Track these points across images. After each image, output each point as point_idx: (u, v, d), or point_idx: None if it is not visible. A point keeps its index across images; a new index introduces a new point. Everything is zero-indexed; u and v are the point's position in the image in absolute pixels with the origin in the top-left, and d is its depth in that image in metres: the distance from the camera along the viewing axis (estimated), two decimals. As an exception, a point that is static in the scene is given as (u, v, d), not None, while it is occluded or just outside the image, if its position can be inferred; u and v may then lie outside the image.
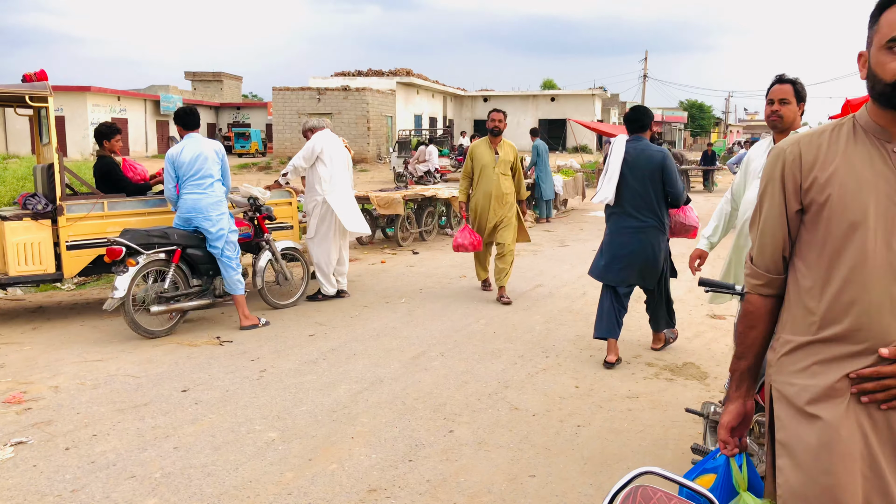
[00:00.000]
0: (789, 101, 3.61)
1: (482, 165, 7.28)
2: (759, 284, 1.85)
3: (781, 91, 3.61)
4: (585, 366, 5.31)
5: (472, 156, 7.41)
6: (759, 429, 2.71)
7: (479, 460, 3.76)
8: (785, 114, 3.60)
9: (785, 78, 3.64)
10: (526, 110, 47.74)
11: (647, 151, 5.07)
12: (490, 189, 7.24)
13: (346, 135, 29.48)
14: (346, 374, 5.07)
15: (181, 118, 6.35)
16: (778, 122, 3.64)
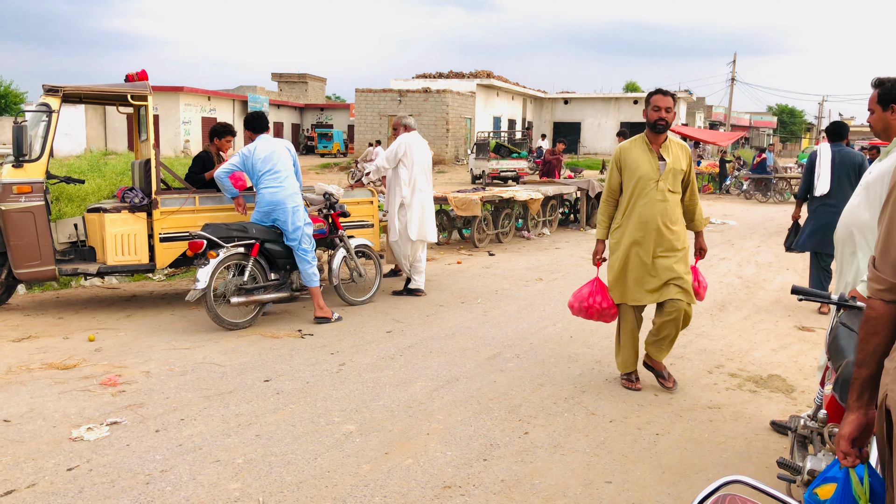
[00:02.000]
0: (872, 110, 3.45)
1: (637, 178, 4.60)
2: (881, 290, 1.78)
3: (870, 100, 3.46)
4: (665, 373, 5.19)
5: (620, 163, 4.72)
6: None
7: (554, 463, 3.73)
8: (871, 122, 3.46)
9: (874, 83, 3.45)
10: (608, 113, 47.03)
11: (850, 154, 6.74)
12: (651, 216, 4.59)
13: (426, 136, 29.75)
14: (423, 372, 5.12)
15: (250, 123, 6.58)
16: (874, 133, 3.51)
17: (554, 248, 11.34)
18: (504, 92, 41.83)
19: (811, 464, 2.81)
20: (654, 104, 4.60)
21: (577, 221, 14.16)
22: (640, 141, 4.70)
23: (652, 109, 4.60)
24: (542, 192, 12.33)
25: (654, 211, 4.59)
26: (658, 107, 4.57)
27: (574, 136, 45.95)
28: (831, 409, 2.90)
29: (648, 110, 4.62)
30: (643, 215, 4.62)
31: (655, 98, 4.61)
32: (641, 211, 4.62)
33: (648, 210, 4.60)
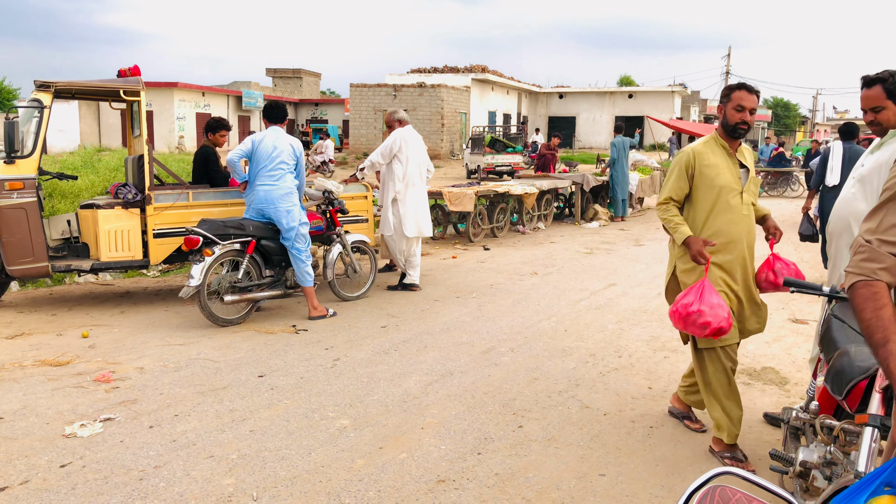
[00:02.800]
0: (882, 106, 3.33)
1: (719, 189, 3.73)
2: (881, 268, 1.72)
3: (870, 99, 3.34)
4: (659, 367, 5.20)
5: (694, 169, 3.77)
6: (846, 436, 2.59)
7: (548, 456, 3.74)
8: (882, 121, 3.35)
9: (870, 79, 3.34)
10: (602, 107, 47.01)
11: (858, 150, 6.97)
12: (738, 234, 3.77)
13: (421, 131, 29.71)
14: (417, 366, 5.12)
15: (267, 111, 6.57)
16: (879, 132, 3.41)
17: (549, 242, 11.35)
18: (499, 86, 41.77)
19: (803, 455, 2.82)
20: (736, 102, 3.68)
21: (572, 215, 14.16)
22: (714, 144, 3.79)
23: (734, 108, 3.68)
24: (536, 187, 12.33)
25: (741, 229, 3.75)
26: (742, 106, 3.66)
27: (569, 130, 45.93)
28: (823, 400, 2.92)
29: (728, 108, 3.71)
30: (729, 234, 3.72)
31: (739, 95, 3.68)
32: (726, 229, 3.72)
33: (735, 228, 3.73)
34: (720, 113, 3.78)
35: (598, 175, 14.60)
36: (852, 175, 3.60)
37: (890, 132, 3.37)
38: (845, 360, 2.68)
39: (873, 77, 3.33)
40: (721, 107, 3.78)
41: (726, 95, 3.75)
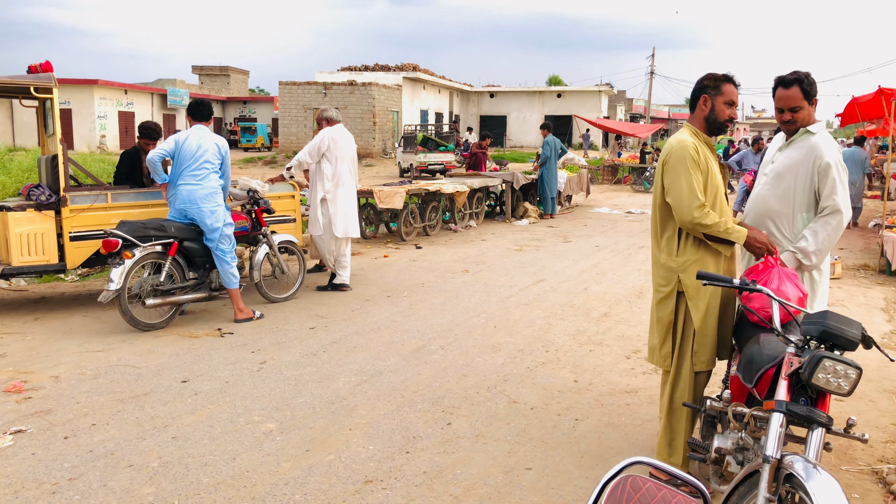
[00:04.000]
0: (800, 106, 3.41)
1: (716, 188, 3.36)
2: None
3: (789, 98, 3.41)
4: (584, 360, 5.30)
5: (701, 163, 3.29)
6: (756, 422, 2.70)
7: (476, 452, 3.77)
8: (799, 120, 3.45)
9: (788, 79, 3.41)
10: (532, 106, 47.63)
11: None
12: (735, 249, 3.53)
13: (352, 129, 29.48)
14: (346, 367, 5.08)
15: (192, 108, 6.40)
16: (793, 130, 3.50)
17: (480, 240, 11.43)
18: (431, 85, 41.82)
19: (718, 442, 2.93)
20: (728, 97, 3.37)
21: (503, 213, 14.30)
22: (698, 139, 3.37)
23: (726, 103, 3.36)
24: (468, 185, 12.40)
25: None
26: (733, 102, 3.40)
27: (500, 129, 46.38)
28: (735, 388, 3.02)
29: (718, 102, 3.35)
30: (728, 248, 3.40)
31: (731, 89, 3.37)
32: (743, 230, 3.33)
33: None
34: (705, 105, 3.38)
35: (529, 174, 14.79)
36: (763, 172, 3.73)
37: (801, 130, 3.50)
38: (755, 349, 2.79)
39: (792, 78, 3.41)
40: (707, 98, 3.37)
41: (714, 87, 3.36)
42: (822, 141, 3.42)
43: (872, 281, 8.52)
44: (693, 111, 3.45)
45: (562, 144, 14.79)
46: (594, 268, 8.97)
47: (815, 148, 3.40)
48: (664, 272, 3.38)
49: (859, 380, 2.38)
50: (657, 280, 3.43)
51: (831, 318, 2.47)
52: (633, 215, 15.30)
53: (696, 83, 3.43)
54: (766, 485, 2.29)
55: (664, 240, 3.40)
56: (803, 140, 3.50)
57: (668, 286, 3.35)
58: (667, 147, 3.38)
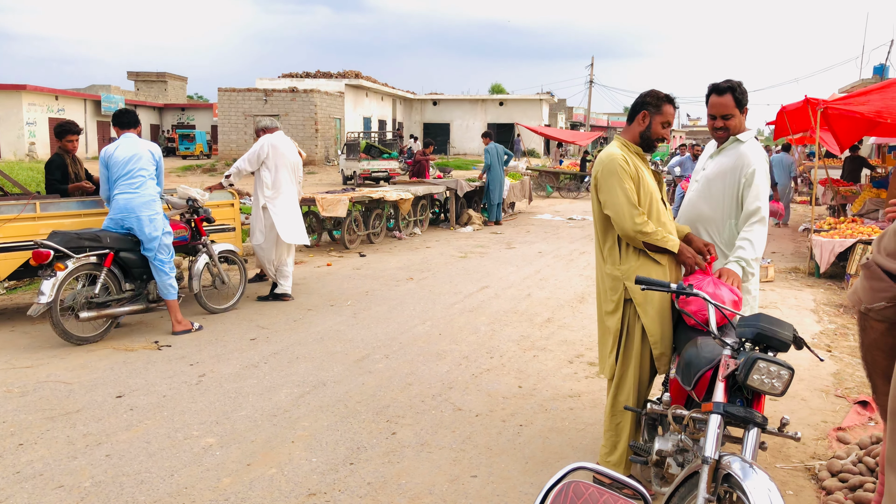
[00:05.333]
0: (732, 114, 3.52)
1: (650, 197, 3.36)
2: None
3: (722, 106, 3.51)
4: (528, 366, 5.34)
5: (631, 172, 3.32)
6: (695, 424, 2.75)
7: (421, 462, 3.74)
8: (731, 127, 3.56)
9: (722, 87, 3.52)
10: (475, 114, 47.93)
11: None
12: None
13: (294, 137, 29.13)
14: (288, 378, 4.99)
15: (117, 118, 6.21)
16: (724, 137, 3.62)
17: (425, 247, 11.42)
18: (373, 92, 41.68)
19: (658, 444, 2.98)
20: (666, 117, 3.42)
21: (447, 220, 14.33)
22: (629, 150, 3.40)
23: (662, 123, 3.41)
24: (412, 192, 12.38)
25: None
26: (669, 123, 3.46)
27: (443, 136, 46.52)
28: (675, 391, 3.08)
29: (655, 120, 3.40)
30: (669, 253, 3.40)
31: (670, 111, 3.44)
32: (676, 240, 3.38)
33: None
34: (643, 121, 3.40)
35: (473, 181, 14.87)
36: (695, 178, 3.83)
37: (731, 139, 3.61)
38: (692, 352, 2.85)
39: (726, 86, 3.52)
40: (646, 114, 3.40)
41: (655, 106, 3.39)
42: (750, 149, 3.55)
43: (803, 283, 8.83)
44: (630, 123, 3.48)
45: (506, 150, 14.98)
46: (537, 274, 9.06)
47: (743, 156, 3.53)
48: (610, 281, 3.39)
49: (791, 380, 2.45)
50: (604, 290, 3.44)
51: (764, 320, 2.54)
52: (575, 221, 15.53)
53: (639, 97, 3.45)
54: (705, 485, 2.33)
55: (606, 249, 3.43)
56: (733, 148, 3.62)
57: (616, 294, 3.36)
58: (597, 163, 3.40)
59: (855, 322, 6.81)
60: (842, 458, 3.72)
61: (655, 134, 3.41)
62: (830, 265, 8.94)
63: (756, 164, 3.48)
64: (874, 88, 10.02)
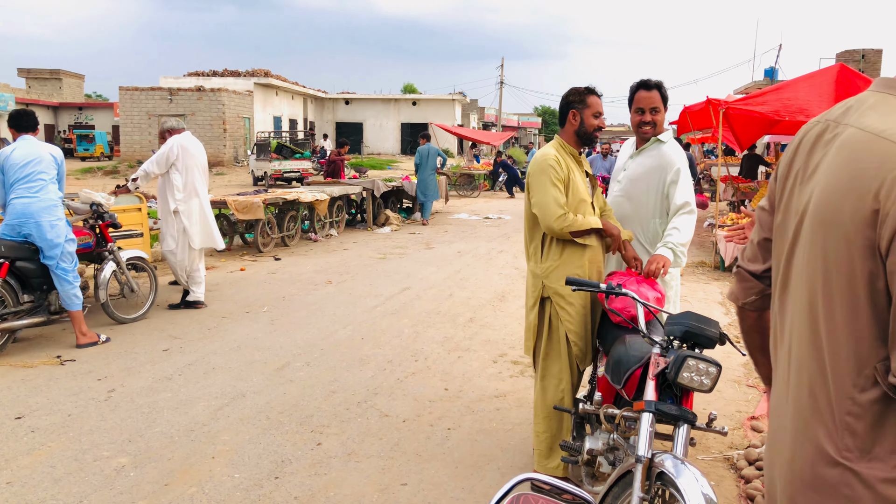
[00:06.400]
0: (659, 108, 3.61)
1: (579, 201, 3.37)
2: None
3: (651, 100, 3.60)
4: (454, 367, 5.31)
5: (562, 172, 3.33)
6: (626, 423, 2.78)
7: (349, 472, 3.64)
8: (658, 122, 3.63)
9: (651, 83, 3.60)
10: (388, 114, 47.74)
11: None
12: (596, 253, 3.45)
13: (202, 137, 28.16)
14: (205, 390, 4.77)
15: (14, 119, 5.80)
16: (650, 133, 3.68)
17: (342, 249, 11.24)
18: (283, 91, 40.84)
19: (589, 444, 2.99)
20: (595, 109, 3.41)
21: (364, 221, 14.18)
22: (563, 151, 3.41)
23: (593, 115, 3.40)
24: (327, 193, 12.17)
25: (600, 245, 3.47)
26: (599, 112, 3.43)
27: (356, 136, 46.11)
28: (603, 390, 3.11)
29: (585, 114, 3.39)
30: (588, 253, 3.38)
31: (596, 101, 3.42)
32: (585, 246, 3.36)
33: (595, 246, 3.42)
34: (574, 119, 3.40)
35: (390, 181, 14.78)
36: (616, 179, 3.90)
37: (652, 139, 3.69)
38: (621, 350, 2.88)
39: (654, 83, 3.62)
40: (575, 112, 3.39)
41: (580, 101, 3.40)
42: (671, 149, 3.65)
43: (709, 277, 9.19)
44: (563, 126, 3.52)
45: (440, 152, 15.44)
46: (457, 273, 9.06)
47: (666, 156, 3.63)
48: (532, 279, 3.47)
49: (719, 376, 2.50)
50: (528, 287, 3.51)
51: (692, 318, 2.58)
52: (491, 220, 15.67)
53: (563, 99, 3.52)
54: (639, 484, 2.34)
55: (532, 247, 3.49)
56: (654, 148, 3.70)
57: (536, 292, 3.42)
58: (532, 162, 3.45)
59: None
60: (758, 447, 3.86)
61: (590, 127, 3.42)
62: (734, 259, 9.34)
63: (680, 162, 3.61)
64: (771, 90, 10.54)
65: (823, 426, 1.28)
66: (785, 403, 1.41)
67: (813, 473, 1.31)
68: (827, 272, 1.27)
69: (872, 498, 1.23)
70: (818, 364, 1.29)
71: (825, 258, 1.27)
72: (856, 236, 1.20)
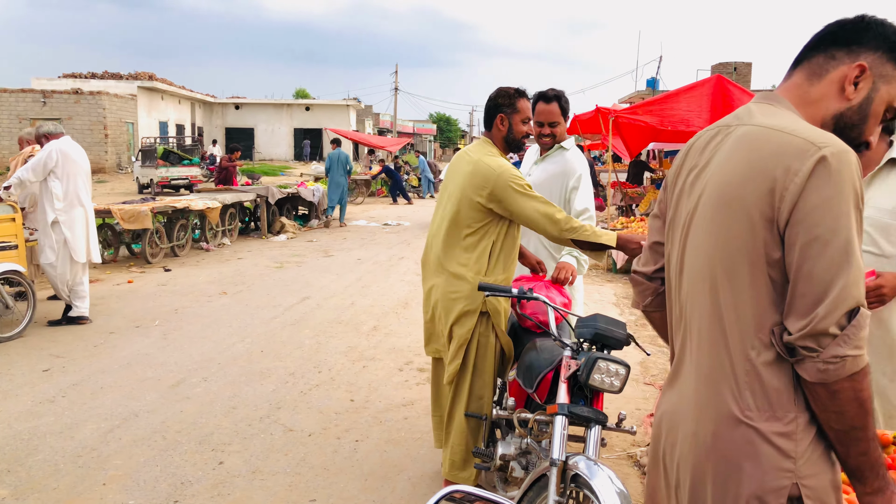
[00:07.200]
0: (558, 121, 3.67)
1: None
2: None
3: (550, 113, 3.64)
4: (359, 377, 5.22)
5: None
6: (539, 427, 2.80)
7: (254, 491, 3.49)
8: (557, 134, 3.71)
9: (550, 95, 3.64)
10: (281, 119, 46.75)
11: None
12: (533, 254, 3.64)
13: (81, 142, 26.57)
14: (93, 412, 4.47)
15: None
16: (549, 143, 3.75)
17: (236, 258, 10.87)
18: (170, 95, 39.20)
19: (502, 449, 2.99)
20: (524, 114, 3.30)
21: (259, 229, 13.79)
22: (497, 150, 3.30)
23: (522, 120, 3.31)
24: (219, 201, 11.74)
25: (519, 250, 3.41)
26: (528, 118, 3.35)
27: (248, 142, 44.91)
28: (515, 394, 3.12)
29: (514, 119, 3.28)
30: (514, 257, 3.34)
31: (525, 105, 3.31)
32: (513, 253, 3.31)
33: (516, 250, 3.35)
34: (502, 125, 3.27)
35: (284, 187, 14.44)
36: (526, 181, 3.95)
37: (556, 146, 3.78)
38: (533, 354, 2.90)
39: (553, 94, 3.66)
40: (503, 117, 3.26)
41: (510, 106, 3.25)
42: (574, 156, 3.75)
43: (603, 279, 9.51)
44: (489, 129, 3.32)
45: (348, 158, 16.15)
46: (358, 281, 8.94)
47: (570, 162, 3.72)
48: (468, 290, 3.18)
49: (628, 376, 2.56)
50: (460, 299, 3.20)
51: (601, 320, 2.63)
52: (390, 227, 15.61)
53: (490, 100, 3.30)
54: (554, 487, 2.36)
55: (474, 259, 3.19)
56: (558, 155, 3.79)
57: (474, 305, 3.18)
58: (484, 170, 3.11)
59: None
60: (658, 443, 4.00)
61: (519, 133, 3.28)
62: (626, 261, 9.71)
63: (582, 169, 3.69)
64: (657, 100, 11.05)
65: (728, 386, 1.39)
66: (687, 379, 1.51)
67: (716, 436, 1.41)
68: (727, 247, 1.40)
69: (772, 452, 1.35)
70: (720, 330, 1.42)
71: (727, 235, 1.40)
72: (755, 213, 1.35)
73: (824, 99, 1.46)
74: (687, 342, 1.53)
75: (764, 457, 1.35)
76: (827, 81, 1.46)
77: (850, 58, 1.45)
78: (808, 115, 1.46)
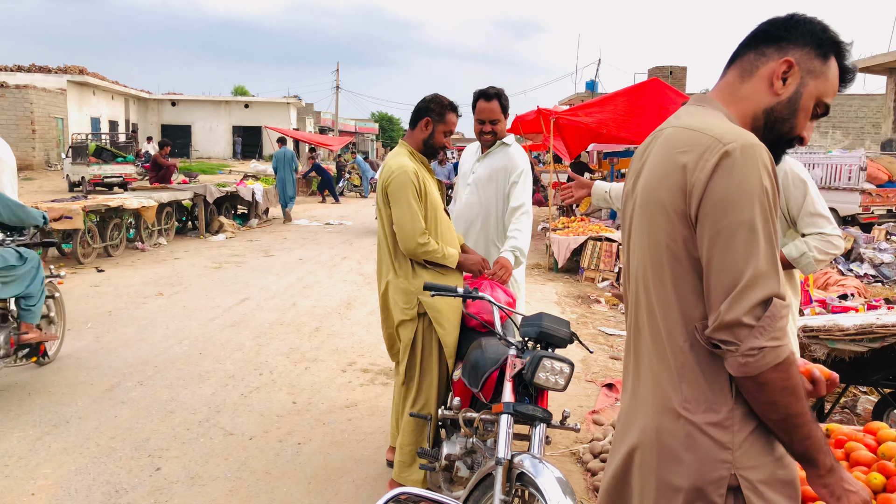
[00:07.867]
0: (499, 119, 3.76)
1: (435, 207, 3.32)
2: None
3: (490, 111, 3.74)
4: (301, 379, 5.14)
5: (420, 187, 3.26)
6: (485, 426, 2.80)
7: (194, 497, 3.40)
8: (498, 131, 3.80)
9: (490, 93, 3.74)
10: (219, 116, 45.79)
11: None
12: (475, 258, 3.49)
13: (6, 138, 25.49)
14: (19, 419, 4.28)
15: None
16: (491, 140, 3.83)
17: (173, 258, 10.58)
18: (102, 91, 37.92)
19: (447, 449, 2.99)
20: (450, 126, 3.40)
21: (196, 229, 13.46)
22: (413, 158, 3.35)
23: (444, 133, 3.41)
24: (155, 199, 11.41)
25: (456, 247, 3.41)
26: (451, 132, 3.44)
27: (185, 139, 43.87)
28: (460, 394, 3.12)
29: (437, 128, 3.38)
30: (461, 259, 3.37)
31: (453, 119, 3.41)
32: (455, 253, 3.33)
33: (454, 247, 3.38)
34: (426, 128, 3.35)
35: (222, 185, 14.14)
36: (466, 182, 3.98)
37: (498, 143, 3.84)
38: (478, 353, 2.90)
39: (493, 92, 3.75)
40: (429, 121, 3.35)
41: (439, 114, 3.35)
42: (516, 152, 3.84)
43: (545, 278, 9.62)
44: (412, 129, 3.41)
45: (294, 156, 16.51)
46: (300, 281, 8.82)
47: (512, 157, 3.81)
48: (404, 296, 3.26)
49: (572, 374, 2.58)
50: (398, 303, 3.28)
51: (546, 319, 2.65)
52: (332, 227, 15.45)
53: (423, 101, 3.38)
54: (500, 486, 2.36)
55: (398, 262, 3.30)
56: (501, 151, 3.86)
57: (411, 309, 3.24)
58: (388, 172, 3.24)
59: (592, 311, 7.54)
60: (600, 440, 4.06)
61: (438, 143, 3.38)
62: (567, 260, 9.85)
63: (523, 165, 3.79)
64: (596, 102, 11.24)
65: (669, 380, 1.42)
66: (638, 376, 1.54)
67: (659, 430, 1.43)
68: (654, 246, 1.44)
69: (709, 443, 1.37)
70: (656, 327, 1.46)
71: (653, 234, 1.44)
72: (671, 211, 1.40)
73: (755, 94, 1.50)
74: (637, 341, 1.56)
75: (702, 448, 1.37)
76: (757, 78, 1.50)
77: (779, 54, 1.48)
78: (738, 112, 1.51)
